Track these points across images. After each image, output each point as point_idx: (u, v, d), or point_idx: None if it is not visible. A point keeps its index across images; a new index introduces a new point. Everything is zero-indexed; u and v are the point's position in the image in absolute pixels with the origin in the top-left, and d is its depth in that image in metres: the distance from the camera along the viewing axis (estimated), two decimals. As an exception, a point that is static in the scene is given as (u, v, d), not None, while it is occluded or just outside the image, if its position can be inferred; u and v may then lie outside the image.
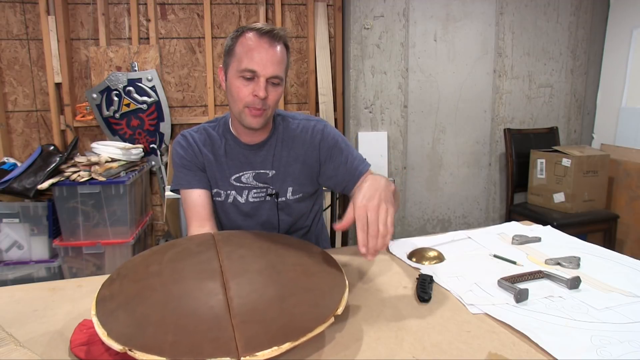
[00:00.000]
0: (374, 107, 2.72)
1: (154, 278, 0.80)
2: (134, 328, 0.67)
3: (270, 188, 1.21)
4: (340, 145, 1.21)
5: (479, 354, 0.70)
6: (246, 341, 0.64)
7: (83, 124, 2.59)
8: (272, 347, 0.63)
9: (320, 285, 0.80)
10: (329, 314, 0.71)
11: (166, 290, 0.76)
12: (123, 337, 0.64)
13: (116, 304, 0.73)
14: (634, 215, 2.65)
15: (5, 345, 0.64)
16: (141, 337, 0.64)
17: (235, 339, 0.64)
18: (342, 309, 0.74)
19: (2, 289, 0.98)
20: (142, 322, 0.68)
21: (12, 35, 2.49)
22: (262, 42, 1.05)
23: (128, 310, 0.71)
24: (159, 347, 0.62)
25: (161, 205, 2.75)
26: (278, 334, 0.65)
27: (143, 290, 0.76)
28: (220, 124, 1.24)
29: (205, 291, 0.75)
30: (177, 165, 1.22)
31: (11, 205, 2.12)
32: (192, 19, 2.66)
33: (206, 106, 2.74)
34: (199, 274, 0.80)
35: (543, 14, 2.84)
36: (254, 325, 0.67)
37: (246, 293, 0.75)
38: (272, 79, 1.06)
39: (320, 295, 0.77)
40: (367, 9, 2.61)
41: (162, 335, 0.65)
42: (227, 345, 0.63)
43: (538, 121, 2.96)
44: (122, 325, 0.67)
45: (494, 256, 1.09)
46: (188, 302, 0.72)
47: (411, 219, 2.90)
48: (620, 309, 0.83)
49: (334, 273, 0.85)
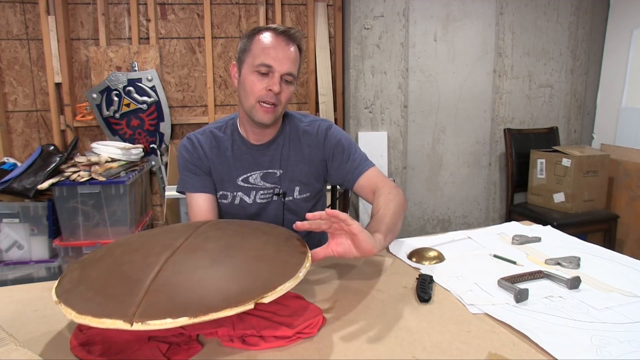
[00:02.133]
0: (374, 107, 2.72)
1: (122, 247, 0.83)
2: (73, 284, 0.72)
3: (277, 188, 1.22)
4: (342, 143, 1.22)
5: (479, 354, 0.70)
6: (145, 308, 0.64)
7: (83, 124, 2.59)
8: (166, 319, 0.63)
9: (261, 271, 0.74)
10: (248, 298, 0.67)
11: (120, 257, 0.78)
12: (61, 290, 0.71)
13: (80, 265, 0.79)
14: (634, 215, 2.65)
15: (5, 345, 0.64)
16: (72, 292, 0.70)
17: (139, 305, 0.65)
18: (270, 299, 0.68)
19: (2, 289, 0.98)
20: (81, 280, 0.73)
21: (12, 35, 2.49)
22: (279, 40, 1.08)
23: (82, 270, 0.77)
24: (76, 302, 0.67)
25: (161, 205, 2.75)
26: (179, 308, 0.65)
27: (105, 255, 0.80)
28: (228, 125, 1.24)
29: (147, 261, 0.75)
30: (182, 168, 1.22)
31: (11, 205, 2.12)
32: (192, 19, 2.66)
33: (206, 106, 2.74)
34: (155, 247, 0.80)
35: (543, 14, 2.84)
36: (162, 295, 0.67)
37: (180, 267, 0.73)
38: (286, 75, 1.08)
39: (253, 279, 0.71)
40: (367, 9, 2.61)
41: (85, 292, 0.69)
42: (128, 309, 0.64)
43: (538, 121, 2.96)
44: (68, 281, 0.74)
45: (494, 256, 1.09)
46: (125, 268, 0.74)
47: (411, 219, 2.90)
48: (620, 309, 0.83)
49: (290, 265, 0.78)
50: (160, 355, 0.70)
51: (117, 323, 0.62)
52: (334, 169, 1.23)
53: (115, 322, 0.62)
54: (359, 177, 1.20)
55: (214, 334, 0.76)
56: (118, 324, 0.62)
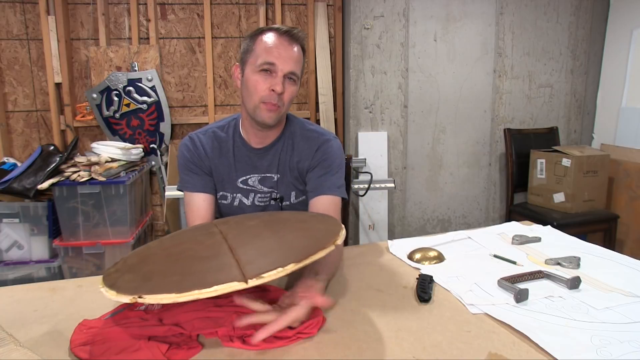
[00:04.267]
0: (374, 107, 2.72)
1: (156, 250, 0.82)
2: (139, 282, 0.69)
3: (274, 192, 1.22)
4: (328, 162, 1.18)
5: (479, 354, 0.70)
6: (251, 267, 0.65)
7: (83, 124, 2.59)
8: (277, 268, 0.64)
9: (318, 225, 0.83)
10: (328, 242, 0.73)
11: (167, 252, 0.78)
12: (130, 290, 0.66)
13: (120, 273, 0.75)
14: (634, 215, 2.65)
15: (5, 345, 0.64)
16: (148, 286, 0.66)
17: (238, 266, 0.65)
18: (340, 240, 0.75)
19: (2, 289, 0.98)
20: (146, 276, 0.70)
21: (12, 35, 2.49)
22: (282, 39, 1.08)
23: (133, 272, 0.73)
24: (166, 287, 0.64)
25: (161, 205, 2.75)
26: (279, 258, 0.66)
27: (145, 257, 0.79)
28: (230, 125, 1.23)
29: (205, 244, 0.77)
30: (182, 167, 1.22)
31: (11, 205, 2.12)
32: (192, 19, 2.66)
33: (206, 106, 2.74)
34: (196, 236, 0.82)
35: (543, 14, 2.84)
36: (256, 255, 0.69)
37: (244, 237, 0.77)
38: (290, 74, 1.08)
39: (317, 231, 0.80)
40: (367, 9, 2.61)
41: (167, 279, 0.67)
42: (232, 272, 0.64)
43: (538, 121, 2.96)
44: (128, 282, 0.69)
45: (494, 256, 1.09)
46: (189, 252, 0.74)
47: (411, 219, 2.90)
48: (620, 309, 0.83)
49: (329, 221, 0.87)
50: (160, 355, 0.70)
51: (232, 285, 0.61)
52: (309, 178, 1.20)
53: (230, 285, 0.61)
54: (318, 195, 1.15)
55: (214, 334, 0.76)
56: (233, 285, 0.61)
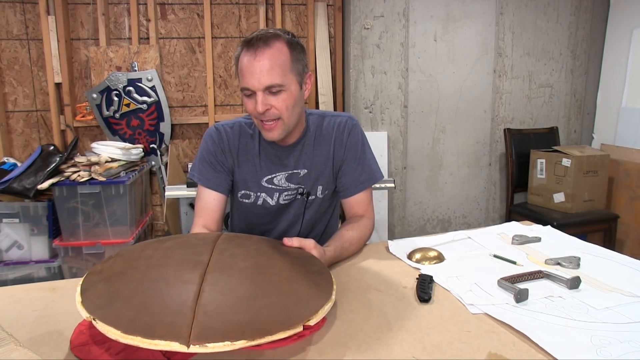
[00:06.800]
0: (374, 107, 2.72)
1: (142, 260, 0.81)
2: (104, 300, 0.70)
3: (302, 187, 1.21)
4: (357, 149, 1.22)
5: (479, 354, 0.70)
6: (201, 330, 0.63)
7: (83, 124, 2.59)
8: (224, 342, 0.62)
9: (300, 293, 0.76)
10: (298, 321, 0.69)
11: (147, 273, 0.77)
12: (92, 307, 0.68)
13: (100, 277, 0.77)
14: (634, 215, 2.65)
15: (5, 345, 0.64)
16: (108, 310, 0.67)
17: (191, 326, 0.64)
18: (315, 321, 0.70)
19: (2, 289, 0.98)
20: (113, 296, 0.71)
21: (12, 35, 2.49)
22: (250, 54, 1.02)
23: (107, 284, 0.74)
24: (118, 321, 0.64)
25: (161, 205, 2.75)
26: (235, 330, 0.64)
27: (128, 269, 0.78)
28: None
29: (182, 279, 0.74)
30: (203, 158, 1.19)
31: (11, 205, 2.12)
32: (192, 19, 2.66)
33: (206, 106, 2.74)
34: (183, 263, 0.79)
35: (543, 14, 2.84)
36: (214, 317, 0.66)
37: (220, 287, 0.73)
38: (269, 88, 1.03)
39: (296, 302, 0.73)
40: (367, 9, 2.61)
41: (125, 310, 0.67)
42: (181, 330, 0.63)
43: (538, 121, 2.96)
44: (96, 296, 0.71)
45: (494, 256, 1.09)
46: (161, 286, 0.73)
47: (411, 219, 2.90)
48: (620, 309, 0.83)
49: (322, 286, 0.81)
50: (160, 356, 0.70)
51: (172, 345, 0.61)
52: (343, 172, 1.23)
53: (171, 344, 0.61)
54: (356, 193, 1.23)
55: None
56: (174, 346, 0.61)
